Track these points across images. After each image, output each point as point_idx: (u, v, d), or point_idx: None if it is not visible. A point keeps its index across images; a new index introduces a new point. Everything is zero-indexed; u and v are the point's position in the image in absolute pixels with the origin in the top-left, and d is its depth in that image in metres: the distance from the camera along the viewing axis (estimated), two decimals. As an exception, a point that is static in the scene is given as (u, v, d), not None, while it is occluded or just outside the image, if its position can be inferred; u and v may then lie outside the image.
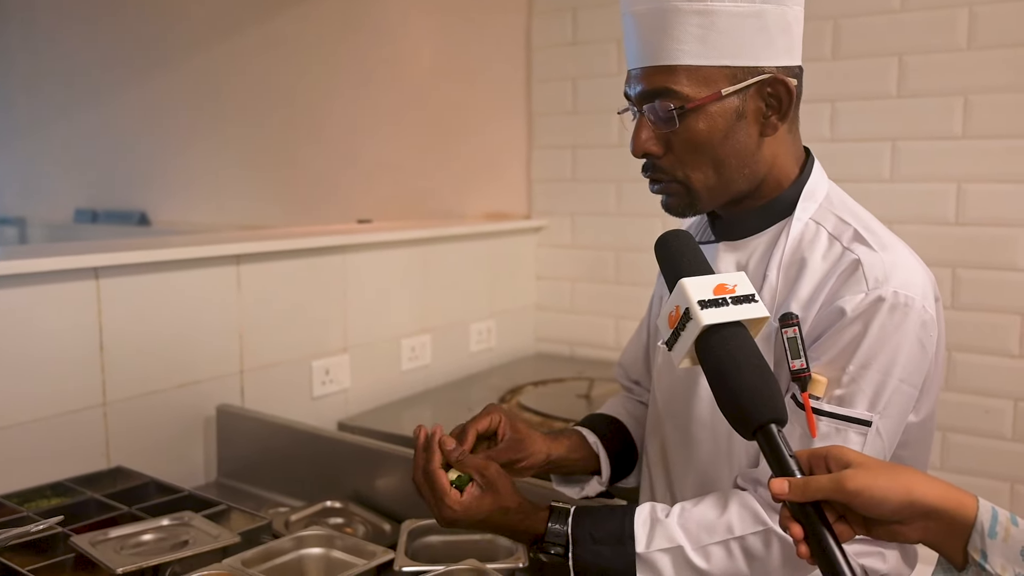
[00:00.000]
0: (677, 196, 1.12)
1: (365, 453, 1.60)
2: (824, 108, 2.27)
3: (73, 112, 4.24)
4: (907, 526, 0.77)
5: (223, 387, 1.87)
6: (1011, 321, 2.11)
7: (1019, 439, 2.12)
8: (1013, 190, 2.08)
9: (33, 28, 4.37)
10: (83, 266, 1.59)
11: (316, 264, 2.07)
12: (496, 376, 2.52)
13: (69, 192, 4.35)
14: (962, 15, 2.09)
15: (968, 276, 2.14)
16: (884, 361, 1.01)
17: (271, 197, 3.56)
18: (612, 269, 2.72)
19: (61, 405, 1.58)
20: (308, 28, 3.31)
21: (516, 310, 2.80)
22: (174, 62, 3.78)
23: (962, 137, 2.12)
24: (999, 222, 2.10)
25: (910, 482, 0.76)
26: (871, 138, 2.23)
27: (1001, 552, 0.73)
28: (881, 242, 1.07)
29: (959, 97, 2.12)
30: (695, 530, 1.03)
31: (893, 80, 2.19)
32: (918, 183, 2.19)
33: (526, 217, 2.86)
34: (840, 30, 2.24)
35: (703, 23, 1.02)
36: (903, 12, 2.16)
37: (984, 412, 2.15)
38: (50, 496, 1.45)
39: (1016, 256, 2.08)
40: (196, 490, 1.48)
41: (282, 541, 1.24)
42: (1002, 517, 0.75)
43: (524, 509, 1.09)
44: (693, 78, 1.04)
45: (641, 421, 1.37)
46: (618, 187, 2.67)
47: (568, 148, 2.75)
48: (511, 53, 2.82)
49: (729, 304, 0.87)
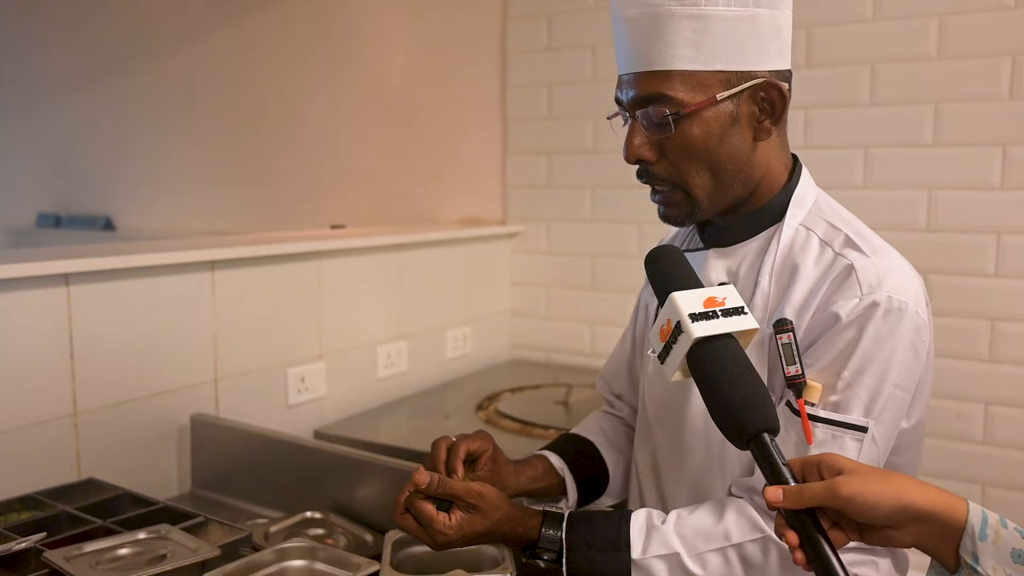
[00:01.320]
0: (677, 206, 1.11)
1: (344, 462, 1.58)
2: (798, 115, 2.30)
3: (35, 113, 4.16)
4: (900, 530, 0.77)
5: (197, 396, 1.83)
6: (981, 326, 2.14)
7: (990, 442, 2.16)
8: (983, 197, 2.12)
9: (-6, 28, 4.29)
10: (53, 272, 1.55)
11: (291, 270, 2.05)
12: (472, 383, 2.51)
13: (31, 196, 4.26)
14: (932, 25, 2.13)
15: (940, 282, 2.18)
16: (879, 366, 1.01)
17: (241, 202, 3.52)
18: (587, 275, 2.73)
19: (30, 415, 1.54)
20: (280, 30, 3.28)
21: (492, 316, 2.80)
22: (141, 63, 3.72)
23: (933, 145, 2.16)
24: (969, 228, 2.14)
25: (902, 487, 0.77)
26: (844, 145, 2.26)
27: (992, 554, 0.75)
28: (873, 247, 1.07)
29: (930, 105, 2.16)
30: (691, 537, 1.02)
31: (866, 88, 2.22)
32: (890, 190, 2.22)
33: (501, 223, 2.85)
34: (814, 39, 2.27)
35: (697, 27, 1.02)
36: (875, 21, 2.19)
37: (956, 416, 2.19)
38: (19, 510, 1.40)
39: (986, 262, 2.12)
40: (171, 502, 1.44)
41: (263, 554, 1.22)
42: (992, 520, 0.76)
43: (515, 516, 1.09)
44: (687, 83, 1.04)
45: (615, 441, 1.36)
46: (593, 193, 2.68)
47: (543, 154, 2.75)
48: (486, 58, 2.82)
49: (719, 317, 0.87)
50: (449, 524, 1.06)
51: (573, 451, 1.32)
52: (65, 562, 1.15)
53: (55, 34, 4.01)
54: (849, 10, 2.22)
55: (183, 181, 3.69)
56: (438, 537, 1.07)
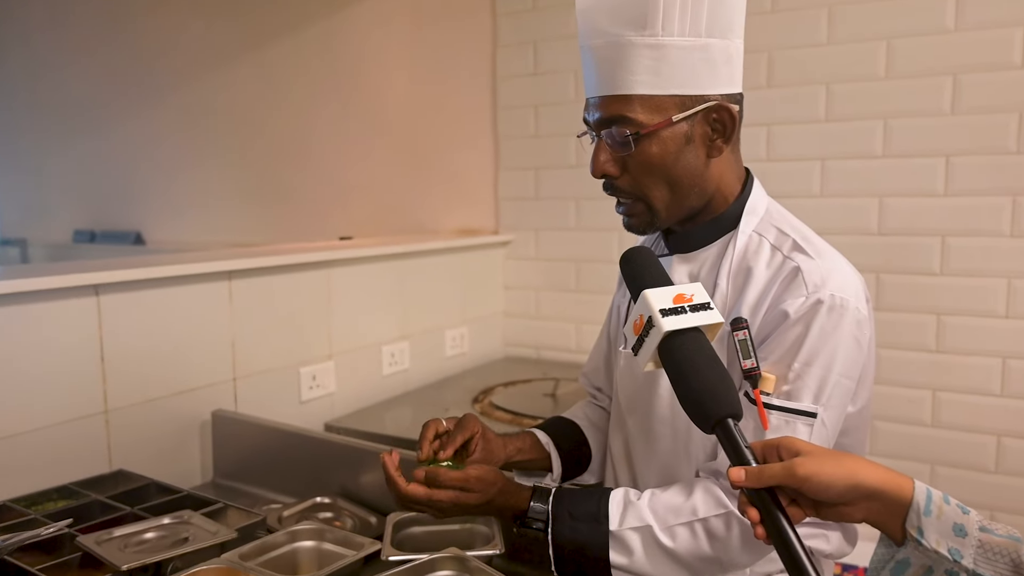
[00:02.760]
0: (639, 216, 1.12)
1: (351, 452, 1.57)
2: (761, 131, 2.30)
3: (72, 139, 4.15)
4: (852, 507, 0.77)
5: (217, 393, 1.83)
6: (928, 320, 2.15)
7: (938, 425, 2.16)
8: (928, 203, 2.12)
9: (33, 60, 4.27)
10: (84, 283, 1.55)
11: (302, 278, 2.04)
12: (469, 378, 2.50)
13: (68, 214, 4.25)
14: (881, 48, 2.13)
15: (890, 280, 2.18)
16: (825, 358, 1.02)
17: (258, 217, 3.52)
18: (573, 279, 2.73)
19: (65, 413, 1.54)
20: (294, 62, 3.28)
21: (486, 317, 2.79)
22: (167, 92, 3.72)
23: (883, 156, 2.17)
24: (916, 232, 2.14)
25: (854, 467, 0.77)
26: (803, 158, 2.27)
27: (935, 528, 0.74)
28: (817, 250, 1.08)
29: (879, 121, 2.16)
30: (663, 512, 1.03)
31: (822, 106, 2.23)
32: (845, 198, 2.23)
33: (494, 232, 2.85)
34: (774, 61, 2.27)
35: (655, 56, 1.02)
36: (829, 45, 2.20)
37: (906, 401, 2.19)
38: (56, 499, 1.40)
39: (932, 262, 2.13)
40: (194, 490, 1.44)
41: (276, 536, 1.21)
42: (936, 497, 0.76)
43: (508, 490, 1.10)
44: (647, 106, 1.04)
45: (598, 425, 1.37)
46: (577, 204, 2.68)
47: (532, 169, 2.75)
48: (479, 82, 2.82)
49: (687, 312, 0.87)
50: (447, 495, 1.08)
51: (559, 430, 1.33)
52: (96, 545, 1.14)
53: (90, 65, 4.00)
54: (805, 35, 2.22)
55: (205, 198, 3.68)
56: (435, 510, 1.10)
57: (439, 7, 2.88)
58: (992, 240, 2.06)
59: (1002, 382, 2.08)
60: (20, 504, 1.33)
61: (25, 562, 1.11)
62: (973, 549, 0.73)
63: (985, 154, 2.05)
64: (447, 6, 2.86)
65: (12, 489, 1.39)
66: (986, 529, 0.74)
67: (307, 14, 3.20)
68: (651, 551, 1.02)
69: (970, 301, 2.09)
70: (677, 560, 1.02)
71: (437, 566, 1.09)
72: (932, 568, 0.75)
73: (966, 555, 0.73)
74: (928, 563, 0.75)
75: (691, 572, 1.03)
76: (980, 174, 2.06)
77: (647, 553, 1.02)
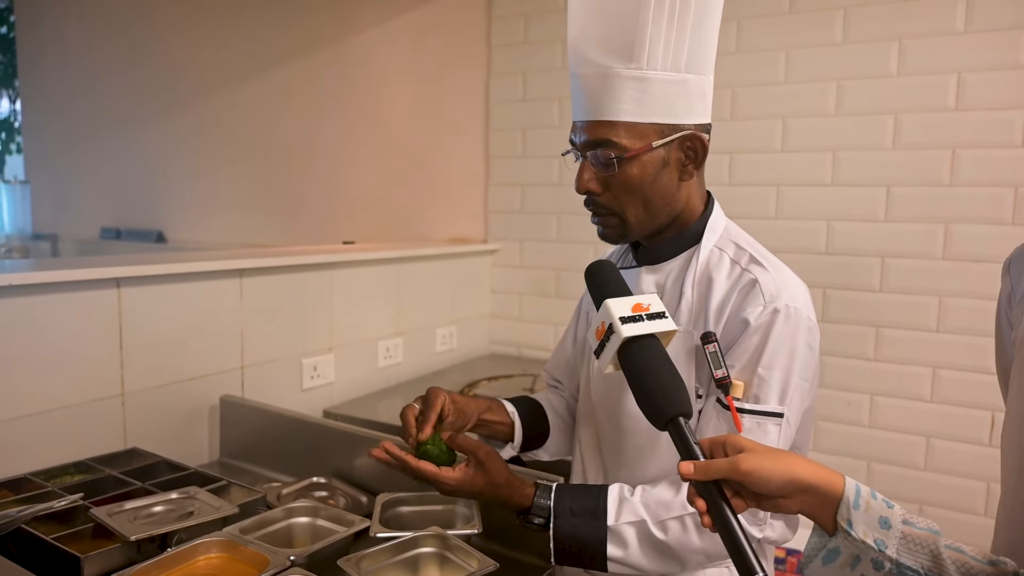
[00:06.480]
0: (613, 228, 1.12)
1: (346, 436, 1.57)
2: (724, 159, 2.32)
3: (100, 143, 4.12)
4: (788, 500, 0.77)
5: (226, 380, 1.82)
6: (868, 332, 2.17)
7: (874, 426, 2.18)
8: (871, 227, 2.14)
9: (70, 77, 4.24)
10: (107, 277, 1.54)
11: (307, 278, 2.03)
12: (457, 372, 2.50)
13: (96, 212, 4.22)
14: (831, 88, 2.15)
15: (835, 295, 2.20)
16: (784, 362, 1.02)
17: (269, 221, 3.50)
18: (553, 285, 2.73)
19: (85, 394, 1.53)
20: (305, 80, 3.27)
21: (474, 318, 2.79)
22: (188, 106, 3.70)
23: (831, 184, 2.18)
24: (860, 253, 2.16)
25: (791, 464, 0.77)
26: (761, 183, 2.28)
27: (863, 521, 0.75)
28: (771, 264, 1.08)
29: (829, 152, 2.18)
30: (655, 507, 1.02)
31: (778, 137, 2.24)
32: (797, 220, 2.24)
33: (483, 241, 2.85)
34: (737, 97, 2.29)
35: (639, 87, 1.02)
36: (786, 84, 2.21)
37: (846, 404, 2.21)
38: (73, 473, 1.39)
39: (872, 280, 2.15)
40: (201, 468, 1.43)
41: (274, 511, 1.21)
42: (864, 492, 0.76)
43: (512, 484, 1.08)
44: (630, 132, 1.04)
45: (558, 411, 1.36)
46: (558, 218, 2.68)
47: (518, 185, 2.75)
48: (472, 106, 2.82)
49: (644, 320, 0.87)
50: (453, 476, 1.07)
51: (525, 407, 1.32)
52: (108, 517, 1.13)
53: (119, 76, 3.97)
54: (765, 74, 2.24)
55: (222, 202, 3.66)
56: (444, 487, 1.08)
57: (439, 38, 2.88)
58: (926, 262, 2.08)
59: (932, 389, 2.10)
60: (40, 477, 1.32)
61: (41, 531, 1.10)
62: (896, 540, 0.73)
63: (921, 185, 2.07)
64: (447, 37, 2.86)
65: (34, 462, 1.38)
66: (908, 522, 0.74)
67: (316, 39, 3.20)
68: (645, 544, 1.01)
69: (905, 316, 2.11)
70: (668, 552, 1.01)
71: (420, 543, 1.09)
72: (860, 557, 0.75)
73: (890, 546, 0.73)
74: (856, 552, 0.76)
75: (680, 562, 1.02)
76: (916, 203, 2.08)
77: (641, 545, 1.01)
